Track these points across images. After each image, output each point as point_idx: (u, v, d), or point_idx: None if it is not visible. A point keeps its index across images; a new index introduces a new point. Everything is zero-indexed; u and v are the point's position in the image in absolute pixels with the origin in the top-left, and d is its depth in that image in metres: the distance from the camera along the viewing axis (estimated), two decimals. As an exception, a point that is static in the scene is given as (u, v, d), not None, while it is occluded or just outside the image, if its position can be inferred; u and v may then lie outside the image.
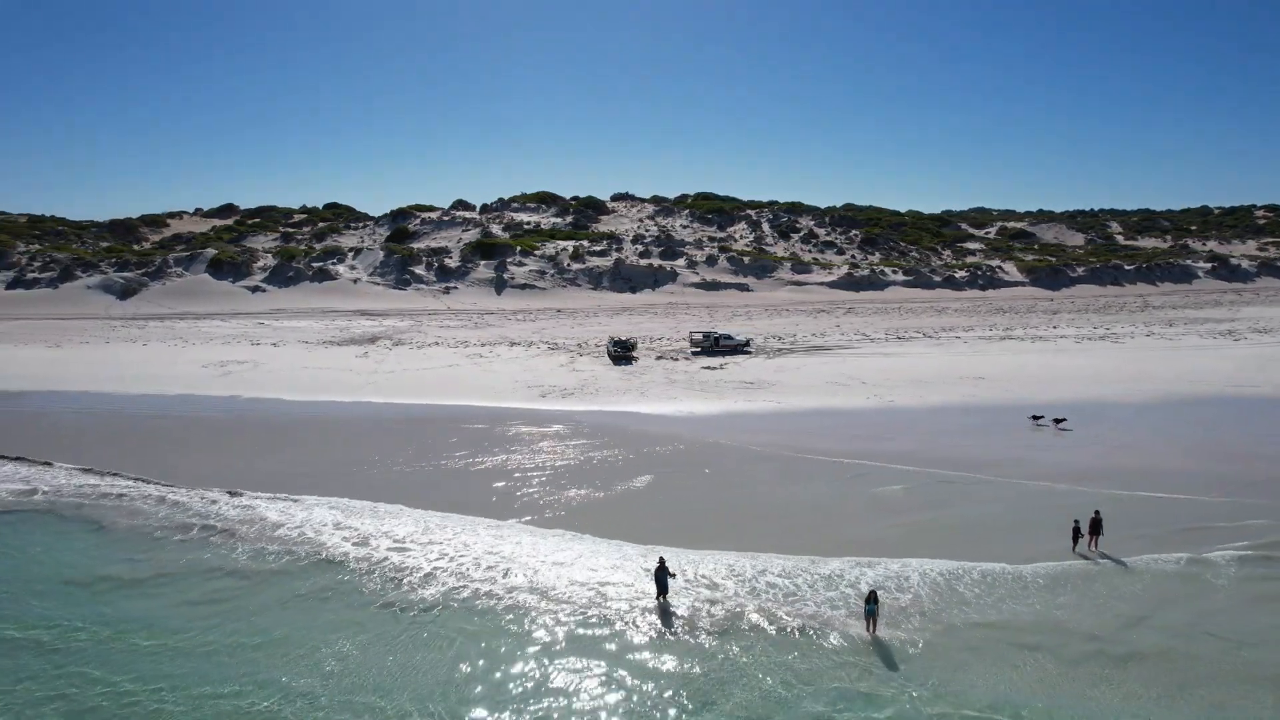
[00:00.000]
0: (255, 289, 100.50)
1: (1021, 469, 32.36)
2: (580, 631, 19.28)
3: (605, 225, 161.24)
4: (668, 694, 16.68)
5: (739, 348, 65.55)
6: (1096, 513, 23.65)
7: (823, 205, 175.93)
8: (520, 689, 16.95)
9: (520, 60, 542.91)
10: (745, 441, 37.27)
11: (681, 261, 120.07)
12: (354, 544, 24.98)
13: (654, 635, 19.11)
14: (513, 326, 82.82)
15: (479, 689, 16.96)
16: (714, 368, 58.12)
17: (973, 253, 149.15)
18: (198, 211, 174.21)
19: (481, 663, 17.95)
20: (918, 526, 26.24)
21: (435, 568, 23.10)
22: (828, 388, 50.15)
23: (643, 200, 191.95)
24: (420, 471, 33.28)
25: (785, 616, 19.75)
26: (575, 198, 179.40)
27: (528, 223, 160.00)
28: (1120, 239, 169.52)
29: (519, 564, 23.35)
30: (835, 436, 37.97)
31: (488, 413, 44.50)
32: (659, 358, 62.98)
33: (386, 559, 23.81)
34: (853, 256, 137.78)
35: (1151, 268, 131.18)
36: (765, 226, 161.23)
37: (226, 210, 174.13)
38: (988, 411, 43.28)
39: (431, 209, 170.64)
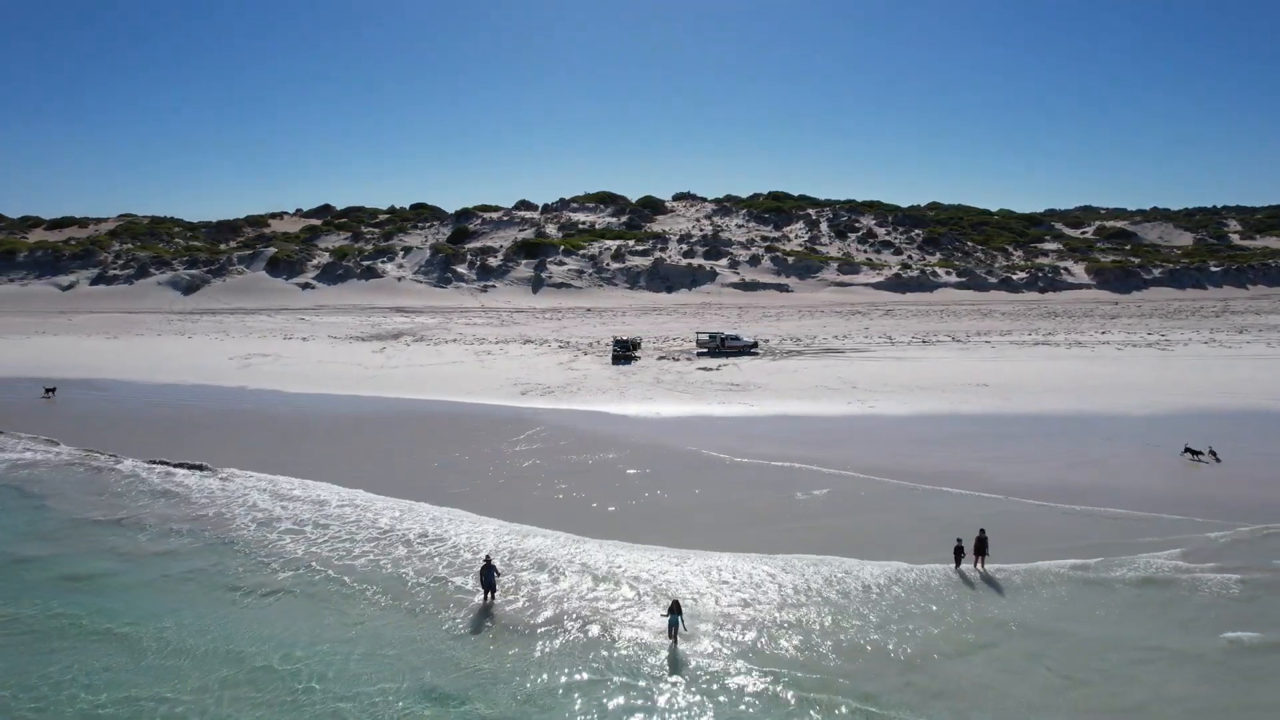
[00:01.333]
0: (305, 286, 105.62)
1: (968, 481, 30.51)
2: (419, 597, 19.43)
3: (660, 225, 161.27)
4: (426, 676, 16.59)
5: (746, 349, 64.35)
6: (981, 531, 22.06)
7: (904, 204, 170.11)
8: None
9: (606, 60, 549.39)
10: (691, 444, 36.60)
11: (724, 262, 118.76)
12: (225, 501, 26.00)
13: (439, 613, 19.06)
14: (537, 325, 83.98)
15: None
16: (710, 369, 57.29)
17: (1045, 253, 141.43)
18: (297, 212, 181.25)
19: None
20: (816, 529, 25.41)
21: (297, 522, 23.76)
22: (814, 391, 48.60)
23: (703, 200, 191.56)
24: (347, 454, 34.28)
25: (598, 612, 19.34)
26: (639, 198, 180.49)
27: (583, 222, 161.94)
28: (1236, 238, 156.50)
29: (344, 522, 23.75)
30: (788, 441, 36.80)
31: (454, 407, 45.47)
32: (661, 358, 62.55)
33: (252, 512, 24.63)
34: (909, 257, 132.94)
35: (1243, 269, 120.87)
36: (824, 226, 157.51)
37: (322, 210, 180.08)
38: (969, 420, 40.93)
39: (495, 209, 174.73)
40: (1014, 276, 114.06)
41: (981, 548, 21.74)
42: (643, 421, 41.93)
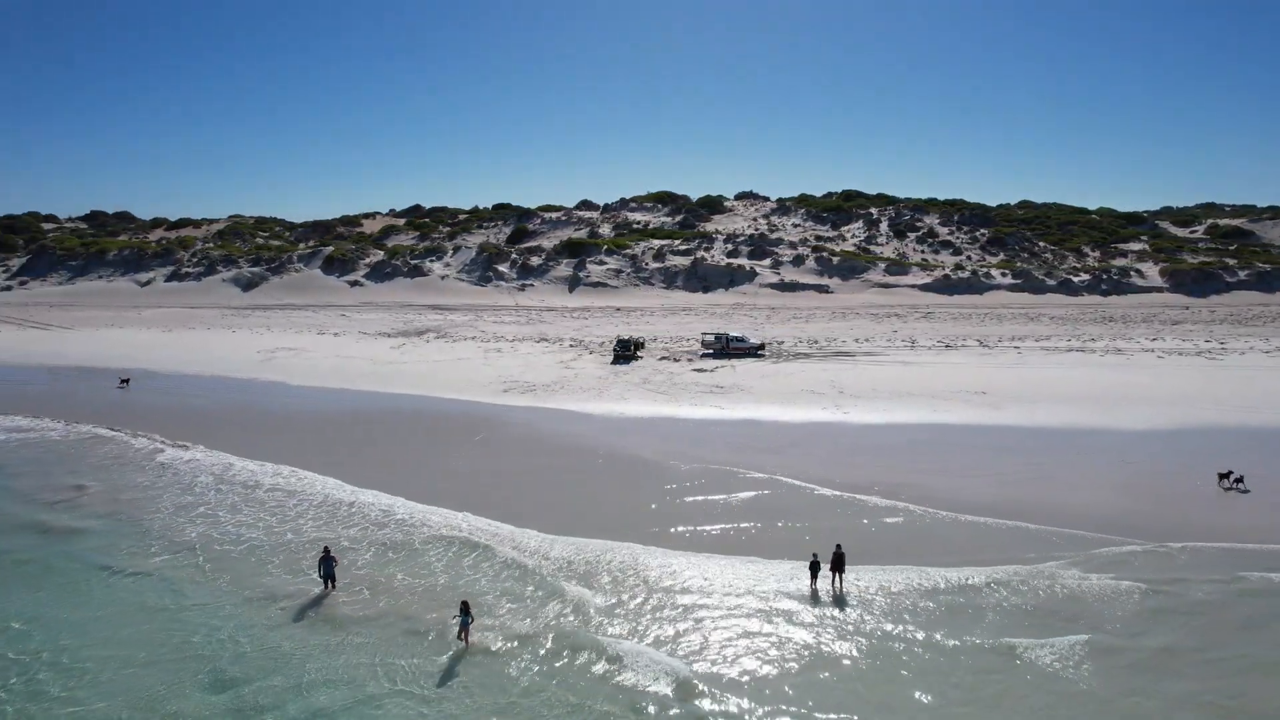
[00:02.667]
0: (354, 284, 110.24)
1: (897, 492, 29.20)
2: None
3: (715, 225, 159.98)
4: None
5: (751, 351, 63.12)
6: (839, 547, 21.00)
7: (993, 204, 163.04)
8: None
9: (688, 63, 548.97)
10: (636, 445, 36.45)
11: (766, 262, 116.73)
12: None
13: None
14: (562, 324, 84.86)
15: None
16: (705, 370, 56.54)
17: (1125, 254, 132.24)
18: (390, 212, 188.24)
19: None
20: (703, 529, 25.10)
21: (216, 501, 25.00)
22: (796, 395, 47.27)
23: (765, 199, 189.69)
24: (312, 442, 35.64)
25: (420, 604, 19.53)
26: (700, 197, 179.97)
27: (638, 222, 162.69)
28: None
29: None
30: (738, 445, 36.08)
31: (432, 404, 46.81)
32: (663, 358, 62.16)
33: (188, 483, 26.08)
34: (968, 257, 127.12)
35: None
36: (884, 225, 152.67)
37: (413, 210, 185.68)
38: (941, 429, 38.88)
39: (557, 209, 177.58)
40: (1075, 279, 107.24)
41: (838, 564, 20.73)
42: (603, 421, 41.90)
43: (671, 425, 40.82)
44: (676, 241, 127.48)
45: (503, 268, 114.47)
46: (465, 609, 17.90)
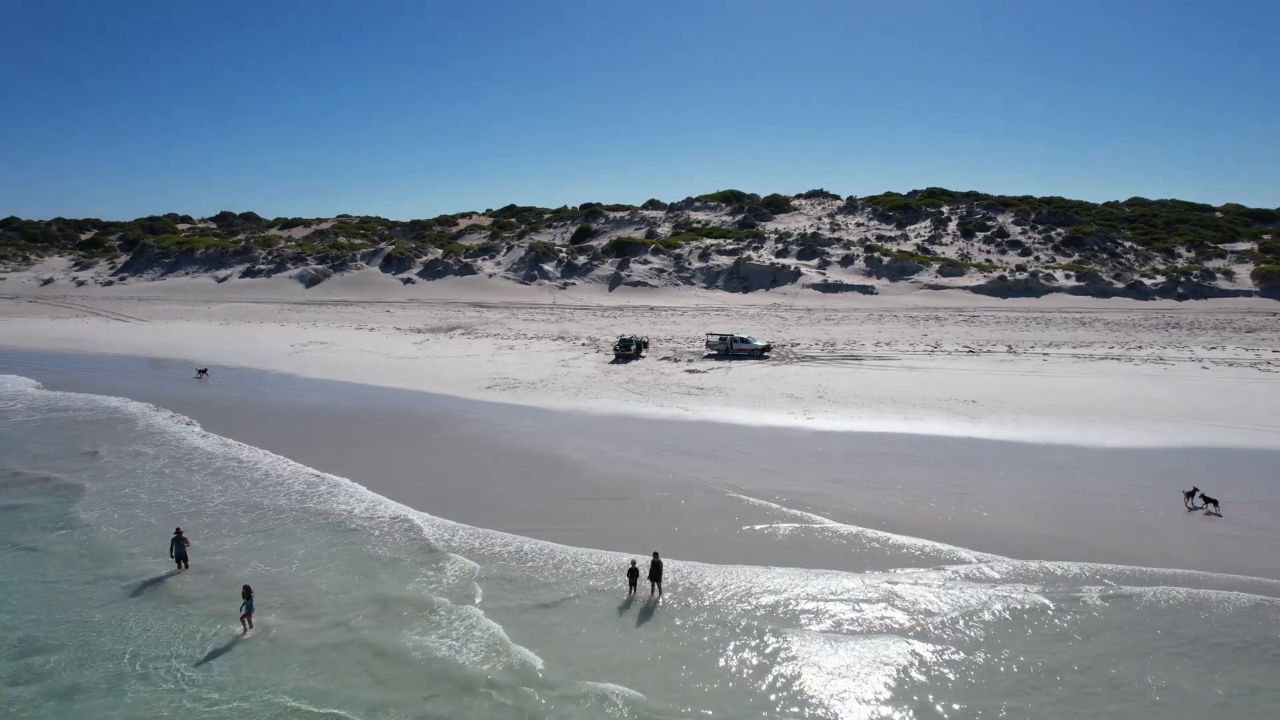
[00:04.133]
0: (407, 281, 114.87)
1: (805, 502, 28.24)
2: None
3: (776, 223, 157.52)
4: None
5: (755, 353, 61.96)
6: (656, 555, 20.64)
7: (1100, 201, 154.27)
8: None
9: (785, 58, 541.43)
10: (574, 441, 36.72)
11: (814, 262, 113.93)
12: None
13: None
14: (587, 322, 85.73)
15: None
16: (697, 371, 56.05)
17: (1224, 254, 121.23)
18: (487, 212, 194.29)
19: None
20: (563, 525, 25.23)
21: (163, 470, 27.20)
22: (770, 399, 46.29)
23: (833, 197, 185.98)
24: (260, 420, 37.87)
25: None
26: (767, 196, 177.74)
27: (698, 221, 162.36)
28: None
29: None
30: (668, 449, 35.83)
31: (415, 398, 48.83)
32: (664, 358, 61.97)
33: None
34: (1035, 257, 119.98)
35: None
36: (953, 224, 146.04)
37: (508, 210, 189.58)
38: (895, 440, 37.20)
39: (624, 208, 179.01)
40: (1148, 281, 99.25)
41: (656, 573, 20.39)
42: (562, 418, 42.54)
43: (624, 425, 40.82)
44: (724, 241, 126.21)
45: (548, 266, 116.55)
46: (247, 593, 18.75)
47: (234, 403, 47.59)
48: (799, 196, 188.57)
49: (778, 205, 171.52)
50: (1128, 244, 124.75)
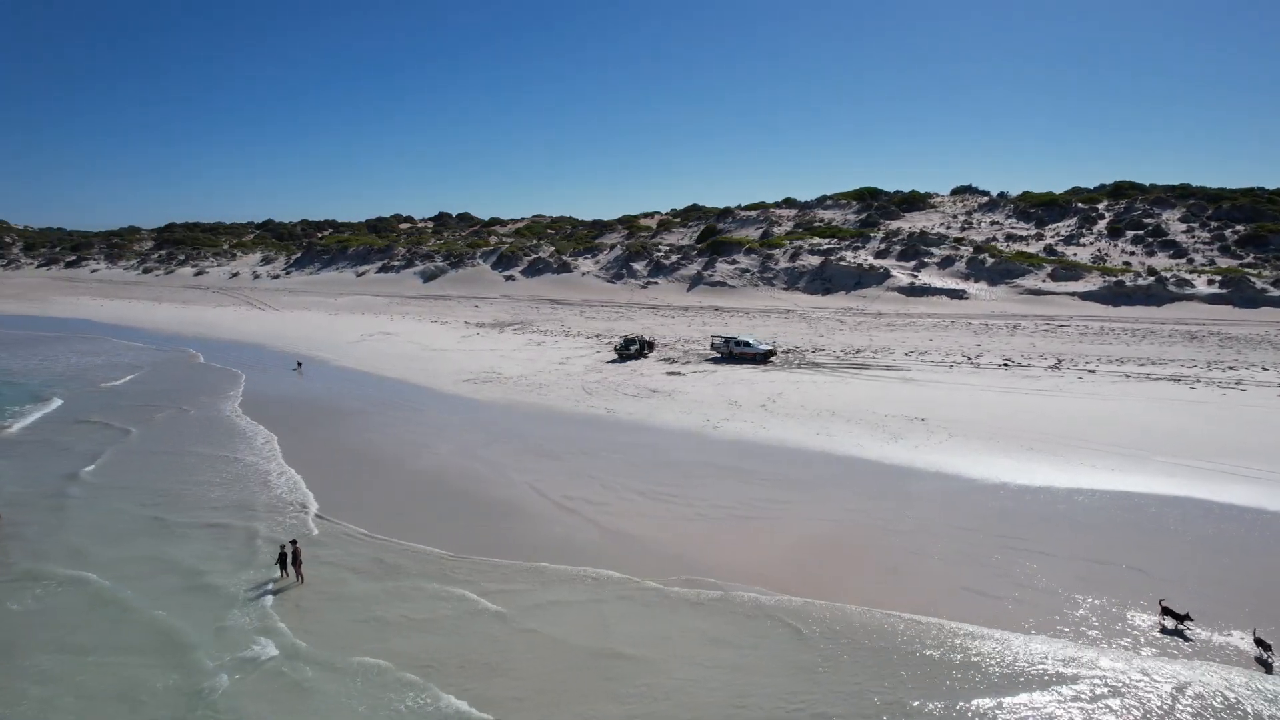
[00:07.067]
0: (509, 278, 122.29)
1: (582, 509, 28.56)
2: None
3: (905, 221, 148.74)
4: None
5: (757, 356, 60.24)
6: (294, 544, 22.45)
7: None
8: None
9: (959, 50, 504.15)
10: (455, 436, 39.01)
11: (911, 264, 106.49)
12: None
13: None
14: (642, 320, 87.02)
15: None
16: (679, 374, 55.83)
17: None
18: (670, 211, 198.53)
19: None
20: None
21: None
22: (714, 406, 45.60)
23: (981, 193, 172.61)
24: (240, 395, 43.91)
25: None
26: (907, 192, 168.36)
27: (821, 220, 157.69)
28: None
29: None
30: (532, 448, 37.14)
31: (398, 389, 53.22)
32: (662, 359, 62.12)
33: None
34: (1189, 259, 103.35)
35: None
36: (1101, 223, 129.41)
37: (690, 210, 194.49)
38: (773, 457, 35.52)
39: (757, 207, 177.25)
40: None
41: (295, 558, 22.25)
42: (483, 409, 44.76)
43: (526, 422, 42.69)
44: (822, 240, 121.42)
45: (637, 265, 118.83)
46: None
47: (238, 381, 54.97)
48: (945, 194, 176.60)
49: (913, 203, 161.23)
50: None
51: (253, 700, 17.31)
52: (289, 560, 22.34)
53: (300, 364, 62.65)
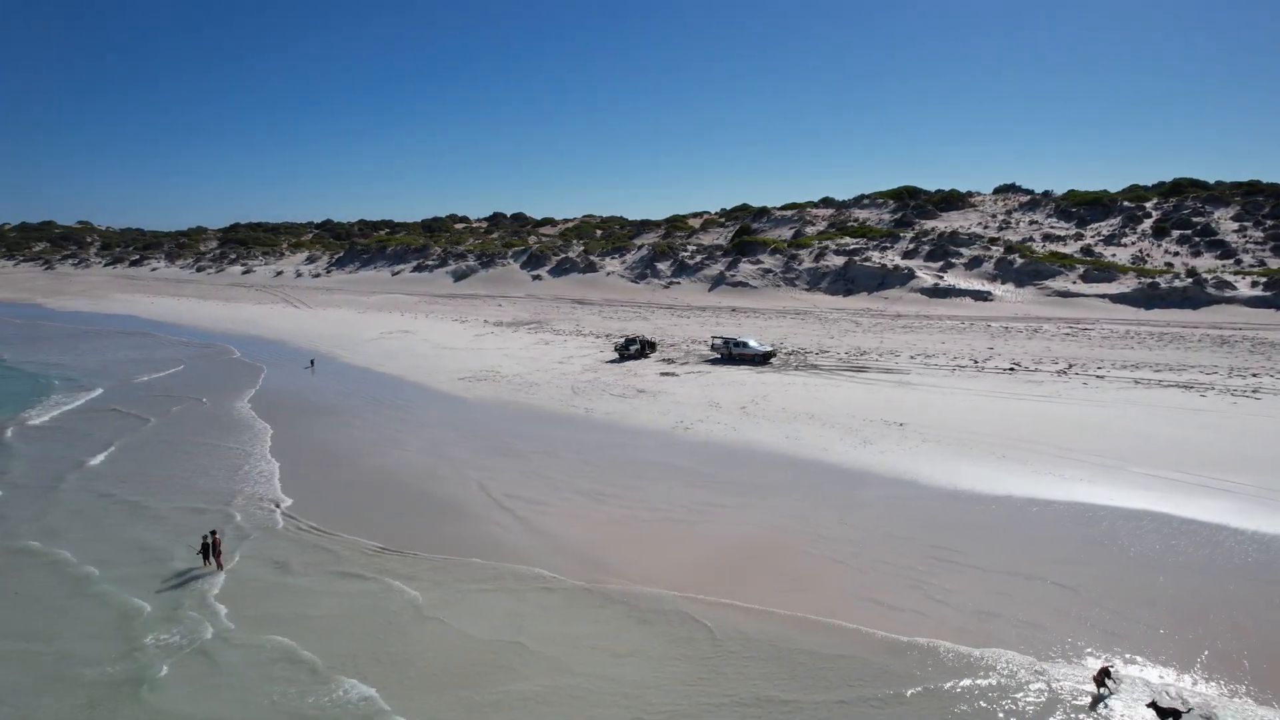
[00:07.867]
0: (536, 277, 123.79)
1: (520, 507, 29.11)
2: None
3: (940, 221, 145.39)
4: None
5: (755, 357, 59.87)
6: (214, 534, 23.46)
7: None
8: None
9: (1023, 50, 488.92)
10: (434, 434, 39.99)
11: (937, 264, 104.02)
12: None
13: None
14: (656, 320, 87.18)
15: None
16: (672, 374, 55.98)
17: None
18: (719, 212, 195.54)
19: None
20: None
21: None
22: (688, 407, 45.70)
23: (1025, 191, 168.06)
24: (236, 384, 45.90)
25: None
26: (947, 192, 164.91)
27: (856, 219, 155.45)
28: None
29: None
30: (499, 446, 37.83)
31: (395, 388, 54.52)
32: (662, 359, 62.31)
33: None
34: (1236, 260, 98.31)
35: None
36: (1147, 222, 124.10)
37: (739, 209, 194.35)
38: (728, 460, 35.40)
39: (796, 206, 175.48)
40: (1366, 293, 77.55)
41: (215, 548, 23.30)
42: (478, 406, 45.82)
43: (502, 420, 43.38)
44: (849, 240, 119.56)
45: (661, 265, 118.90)
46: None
47: (233, 375, 57.25)
48: (987, 193, 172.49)
49: (951, 202, 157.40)
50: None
51: (175, 682, 18.47)
52: (210, 550, 23.48)
53: (313, 361, 64.07)
